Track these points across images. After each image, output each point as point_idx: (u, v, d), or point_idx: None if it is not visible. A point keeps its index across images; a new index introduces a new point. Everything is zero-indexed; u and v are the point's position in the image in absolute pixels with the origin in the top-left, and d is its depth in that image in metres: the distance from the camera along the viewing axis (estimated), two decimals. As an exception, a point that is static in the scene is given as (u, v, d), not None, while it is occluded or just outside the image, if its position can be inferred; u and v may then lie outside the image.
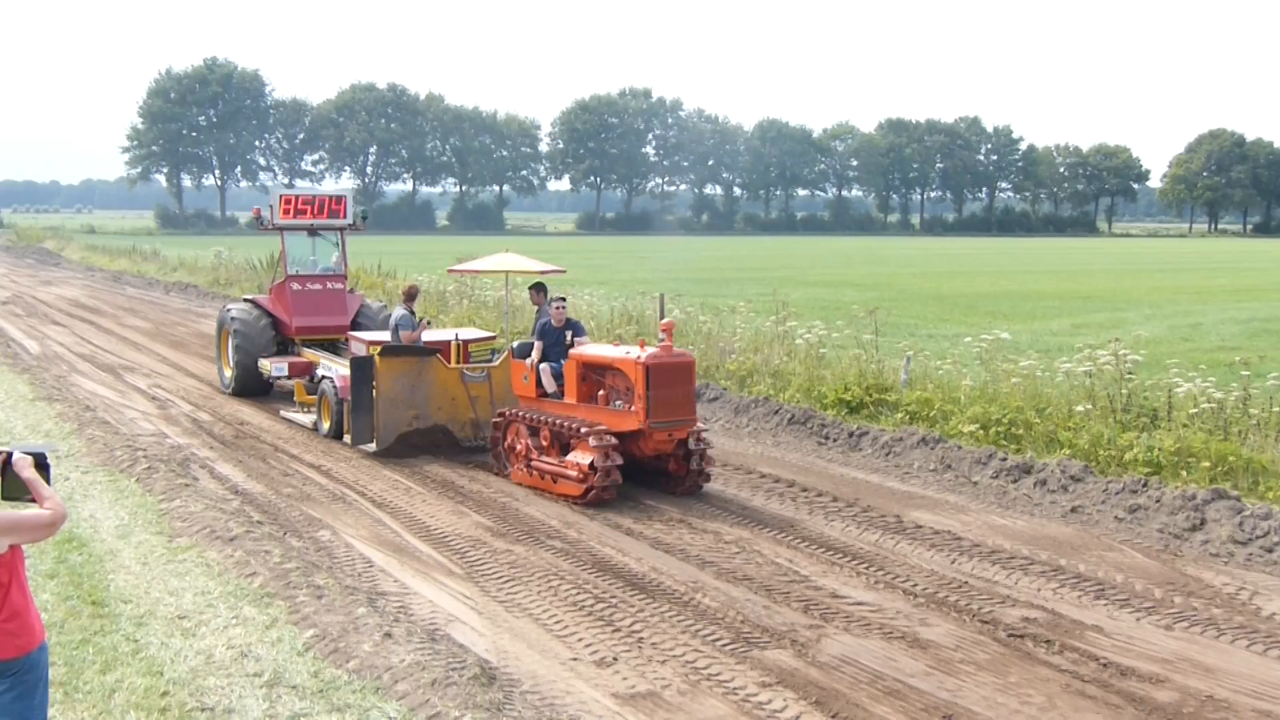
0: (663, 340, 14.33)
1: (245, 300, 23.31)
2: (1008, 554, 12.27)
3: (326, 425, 18.23)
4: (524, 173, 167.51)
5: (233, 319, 21.96)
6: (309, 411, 19.47)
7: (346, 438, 17.57)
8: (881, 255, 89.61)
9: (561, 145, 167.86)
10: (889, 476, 15.98)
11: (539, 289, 18.00)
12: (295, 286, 22.03)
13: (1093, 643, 9.74)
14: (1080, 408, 16.19)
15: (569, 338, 15.69)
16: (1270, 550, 12.23)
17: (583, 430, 14.17)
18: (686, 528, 13.23)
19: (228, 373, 22.26)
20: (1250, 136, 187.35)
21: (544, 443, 14.92)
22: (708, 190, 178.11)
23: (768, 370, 21.30)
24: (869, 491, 15.00)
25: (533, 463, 15.00)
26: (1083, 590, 11.11)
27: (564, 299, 16.57)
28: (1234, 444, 14.37)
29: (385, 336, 18.41)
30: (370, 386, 16.60)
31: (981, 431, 16.55)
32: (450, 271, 22.69)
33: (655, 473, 14.85)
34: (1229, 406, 15.40)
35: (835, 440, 17.89)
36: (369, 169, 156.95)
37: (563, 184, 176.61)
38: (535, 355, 15.61)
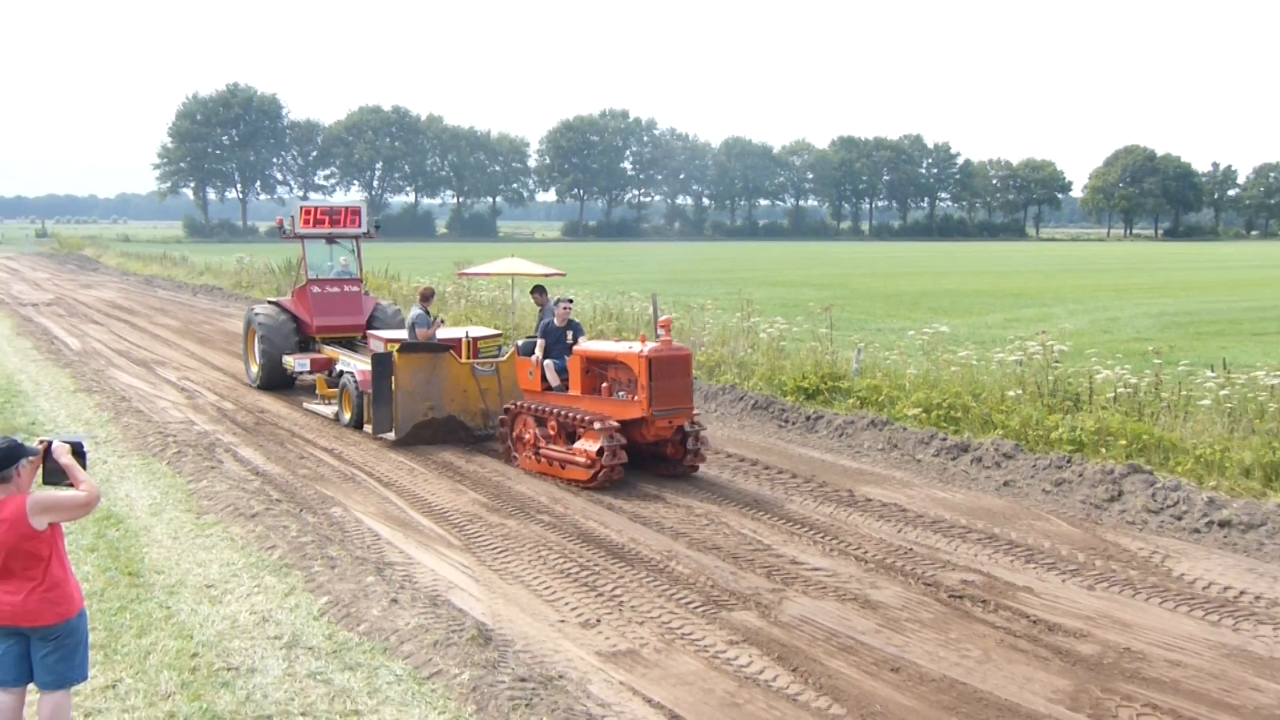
0: (662, 336, 14.18)
1: (270, 302, 23.10)
2: (948, 524, 12.29)
3: (348, 416, 18.00)
4: (515, 185, 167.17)
5: (259, 319, 21.80)
6: (329, 403, 19.28)
7: (367, 427, 17.31)
8: (835, 258, 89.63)
9: (548, 160, 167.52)
10: (842, 455, 15.98)
11: (540, 291, 17.79)
12: (315, 290, 21.88)
13: (1024, 602, 9.75)
14: (1012, 393, 16.21)
15: (570, 336, 15.47)
16: (1179, 518, 12.27)
17: (589, 420, 14.02)
18: (661, 503, 13.21)
19: (254, 368, 22.10)
20: (1160, 151, 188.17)
21: (551, 432, 14.66)
22: (679, 200, 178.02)
23: (734, 361, 21.28)
24: (824, 469, 15.00)
25: (541, 451, 14.76)
26: (1014, 555, 11.13)
27: (570, 301, 16.33)
28: (1147, 424, 14.40)
29: (402, 334, 18.22)
30: (389, 380, 16.40)
31: (924, 414, 16.56)
32: (461, 275, 22.29)
33: (653, 457, 14.62)
34: (1143, 391, 15.43)
35: (794, 423, 17.89)
36: (375, 183, 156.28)
37: (550, 195, 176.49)
38: (539, 352, 15.35)
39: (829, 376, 18.93)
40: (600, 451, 13.69)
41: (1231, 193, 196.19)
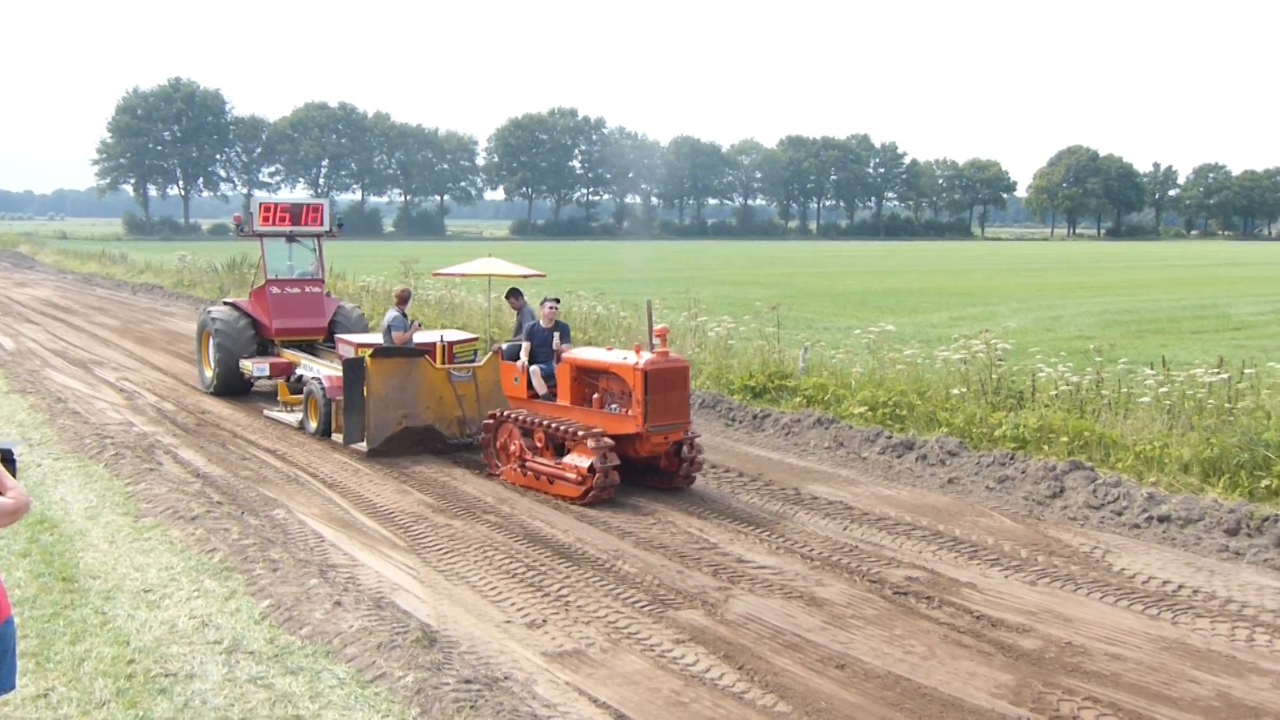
0: (658, 346, 13.48)
1: (226, 303, 22.07)
2: (893, 521, 12.38)
3: (314, 424, 17.18)
4: (463, 184, 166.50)
5: (214, 321, 20.82)
6: (292, 410, 18.57)
7: (335, 436, 16.57)
8: (783, 258, 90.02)
9: (497, 159, 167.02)
10: (788, 454, 16.04)
11: (516, 294, 17.26)
12: (275, 290, 21.06)
13: (967, 598, 9.84)
14: (956, 391, 16.35)
15: (557, 339, 14.76)
16: (1120, 514, 12.44)
17: (580, 433, 13.23)
18: (608, 502, 13.18)
19: (209, 373, 21.06)
20: (1103, 152, 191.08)
21: (538, 444, 13.93)
22: (628, 199, 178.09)
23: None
24: (771, 467, 15.05)
25: (527, 464, 13.95)
26: (958, 552, 11.23)
27: (557, 300, 15.34)
28: (1089, 421, 14.58)
29: (374, 338, 17.73)
30: (362, 387, 15.60)
31: (870, 413, 16.67)
32: (435, 275, 21.74)
33: (644, 469, 13.85)
34: (1084, 388, 15.61)
35: (741, 422, 17.94)
36: (321, 180, 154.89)
37: (498, 194, 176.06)
38: (524, 357, 14.62)
39: (776, 375, 19.00)
40: (592, 468, 12.94)
41: (1172, 193, 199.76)
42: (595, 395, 13.68)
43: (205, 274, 46.83)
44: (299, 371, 19.32)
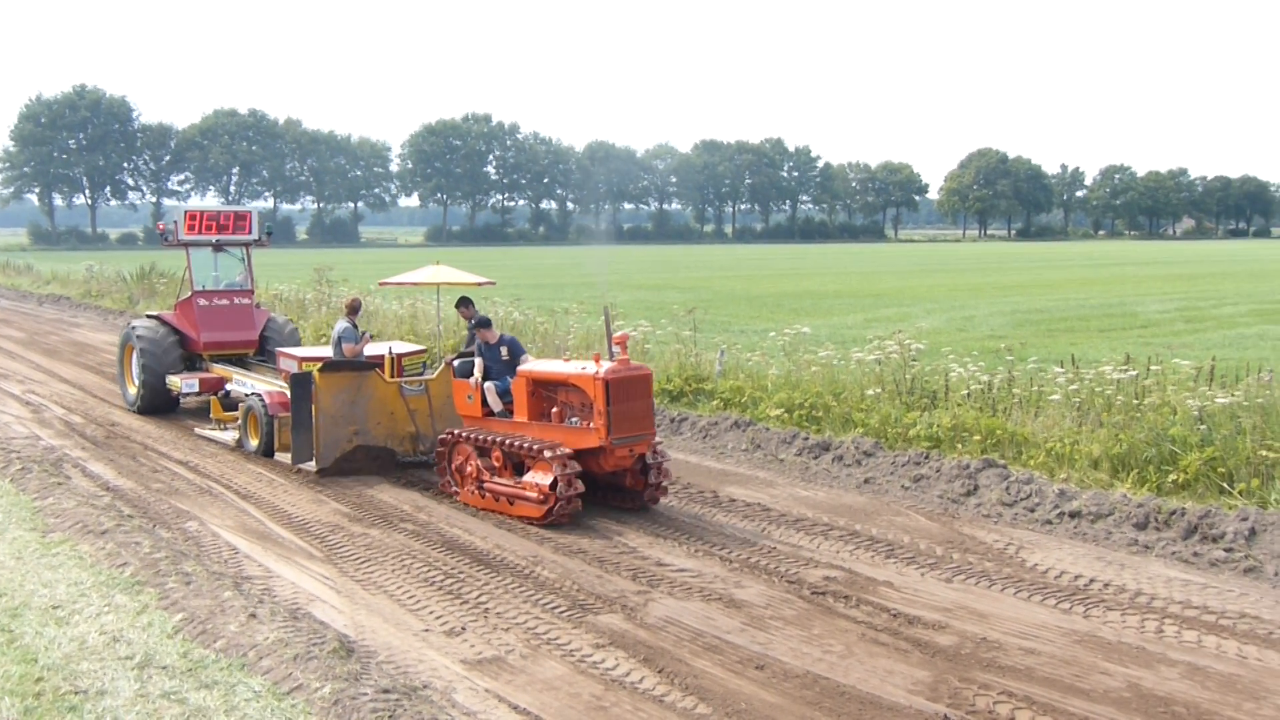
0: (618, 354, 12.74)
1: (150, 317, 21.04)
2: (810, 521, 12.48)
3: (255, 443, 16.30)
4: (376, 190, 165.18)
5: (138, 336, 19.86)
6: (226, 428, 17.66)
7: (280, 456, 15.81)
8: (699, 261, 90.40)
9: (410, 165, 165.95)
10: (706, 456, 16.11)
11: (466, 303, 16.59)
12: (202, 302, 20.15)
13: (884, 596, 9.95)
14: (871, 391, 16.53)
15: (506, 353, 14.10)
16: (1032, 510, 12.67)
17: (539, 450, 12.54)
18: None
19: (132, 390, 20.18)
20: (1012, 154, 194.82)
21: (496, 463, 13.19)
22: (544, 205, 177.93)
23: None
24: (689, 470, 15.10)
25: (485, 484, 13.21)
26: (875, 551, 11.35)
27: (485, 321, 14.49)
28: (1000, 419, 14.82)
29: (317, 352, 16.95)
30: (309, 404, 14.73)
31: (786, 415, 16.80)
32: (381, 284, 20.93)
33: (608, 488, 13.23)
34: (996, 387, 15.87)
35: (659, 426, 17.95)
36: (232, 188, 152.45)
37: (412, 200, 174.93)
38: (478, 373, 13.94)
39: (693, 378, 19.09)
40: (553, 484, 12.26)
41: (1080, 194, 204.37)
42: (554, 409, 13.04)
43: (114, 284, 45.93)
44: (229, 387, 18.65)
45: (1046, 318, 35.09)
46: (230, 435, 17.22)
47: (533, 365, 13.65)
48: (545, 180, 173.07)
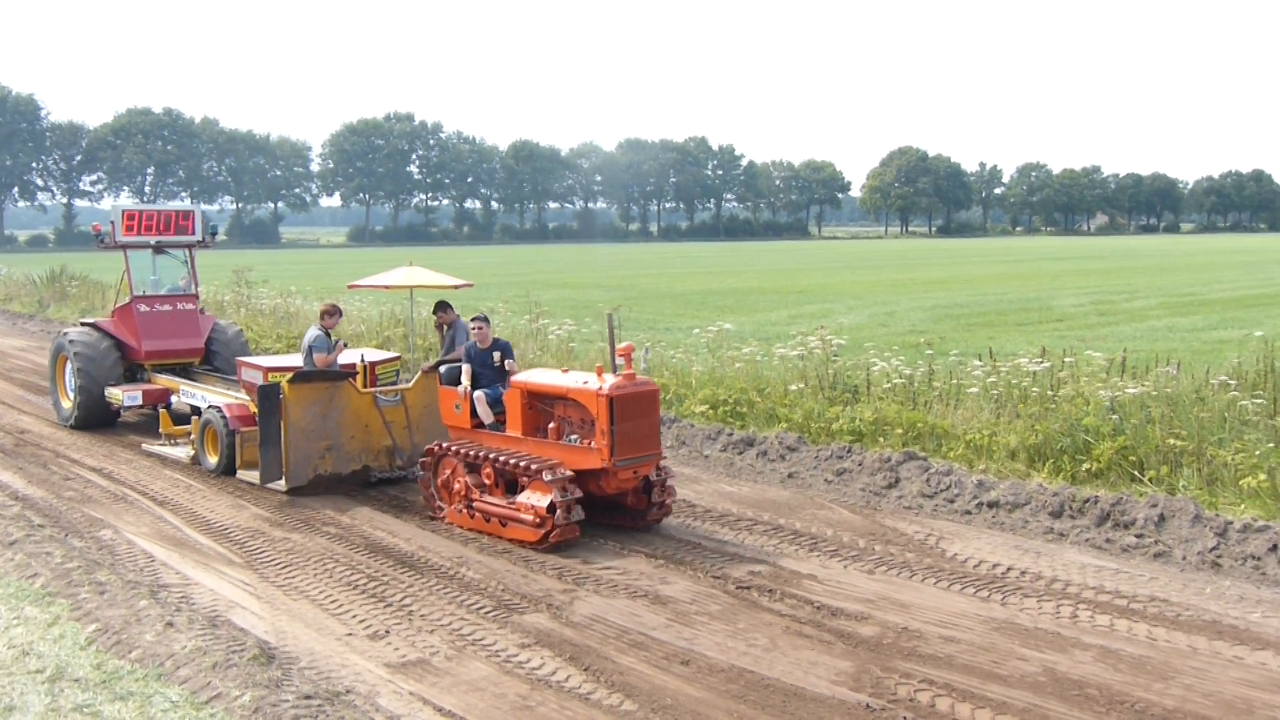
0: (622, 367, 11.91)
1: (85, 324, 19.49)
2: (735, 517, 12.56)
3: (214, 461, 15.16)
4: (297, 190, 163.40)
5: (73, 345, 18.38)
6: (178, 443, 16.51)
7: (243, 474, 14.74)
8: (624, 260, 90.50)
9: (332, 165, 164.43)
10: (632, 454, 16.11)
11: (444, 307, 15.33)
12: (143, 308, 18.72)
13: (808, 589, 10.04)
14: (794, 387, 16.67)
15: (497, 359, 13.11)
16: (952, 501, 12.87)
17: (536, 469, 11.50)
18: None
19: (66, 404, 18.72)
20: (932, 152, 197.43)
21: (486, 481, 12.15)
22: (468, 204, 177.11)
23: (523, 364, 21.21)
24: (615, 468, 15.09)
25: (474, 503, 12.22)
26: (799, 545, 11.45)
27: (485, 318, 13.47)
28: (921, 413, 15.02)
29: (283, 361, 16.02)
30: (278, 418, 13.72)
31: (711, 411, 16.88)
32: (351, 287, 19.70)
33: (608, 506, 12.29)
34: (917, 381, 16.09)
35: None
36: (147, 188, 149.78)
37: (334, 200, 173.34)
38: (466, 381, 12.90)
39: (618, 376, 19.07)
40: (551, 507, 11.31)
41: (998, 191, 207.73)
42: (551, 424, 12.07)
43: (22, 287, 44.99)
44: (175, 399, 17.59)
45: (966, 312, 35.61)
46: (183, 451, 16.10)
47: (530, 376, 12.61)
48: (469, 179, 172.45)
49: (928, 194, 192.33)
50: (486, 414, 12.72)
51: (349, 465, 14.17)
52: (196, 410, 16.41)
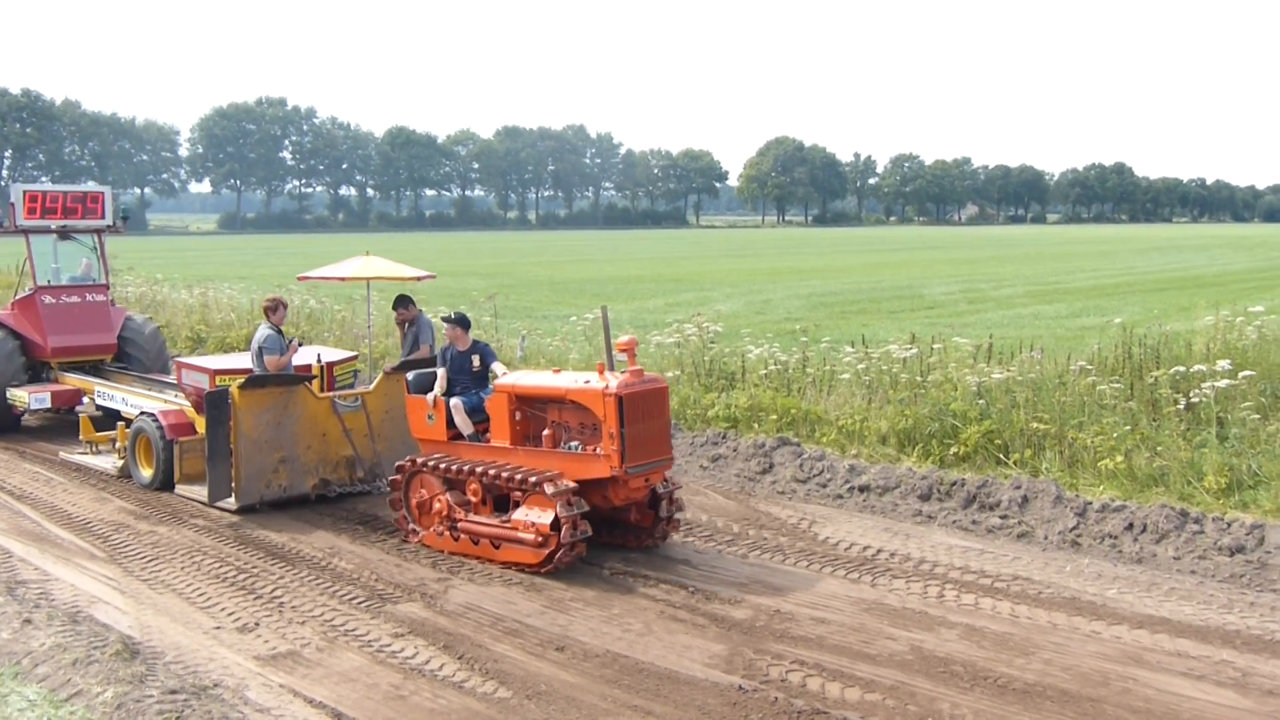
0: (623, 363, 10.68)
1: None
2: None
3: (148, 474, 13.67)
4: (165, 176, 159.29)
5: None
6: (100, 452, 15.14)
7: (183, 489, 13.25)
8: (502, 248, 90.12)
9: (201, 150, 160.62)
10: (509, 442, 16.06)
11: (406, 303, 14.12)
12: (48, 300, 17.16)
13: (683, 574, 10.14)
14: (671, 374, 16.74)
15: (476, 363, 11.76)
16: (825, 485, 13.10)
17: (535, 482, 10.23)
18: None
19: None
20: (808, 143, 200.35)
21: (472, 498, 10.88)
22: (343, 191, 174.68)
23: (399, 353, 20.98)
24: (491, 456, 15.02)
25: (459, 524, 10.89)
26: (674, 530, 11.54)
27: (463, 318, 12.17)
28: (795, 399, 15.25)
29: (228, 362, 14.54)
30: (226, 427, 12.22)
31: (588, 398, 16.87)
32: (301, 279, 18.08)
33: (608, 523, 11.06)
34: (791, 367, 16.31)
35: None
36: (4, 172, 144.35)
37: (204, 186, 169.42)
38: (440, 387, 11.59)
39: (495, 365, 18.96)
40: (555, 524, 10.09)
41: (872, 181, 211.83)
42: (545, 431, 10.75)
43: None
44: (88, 400, 16.19)
45: (840, 300, 36.22)
46: (109, 462, 14.62)
47: (517, 379, 11.20)
48: (344, 166, 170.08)
49: (804, 184, 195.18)
50: (466, 424, 11.35)
51: (305, 479, 12.79)
52: (115, 414, 15.22)
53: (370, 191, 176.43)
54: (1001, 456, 12.84)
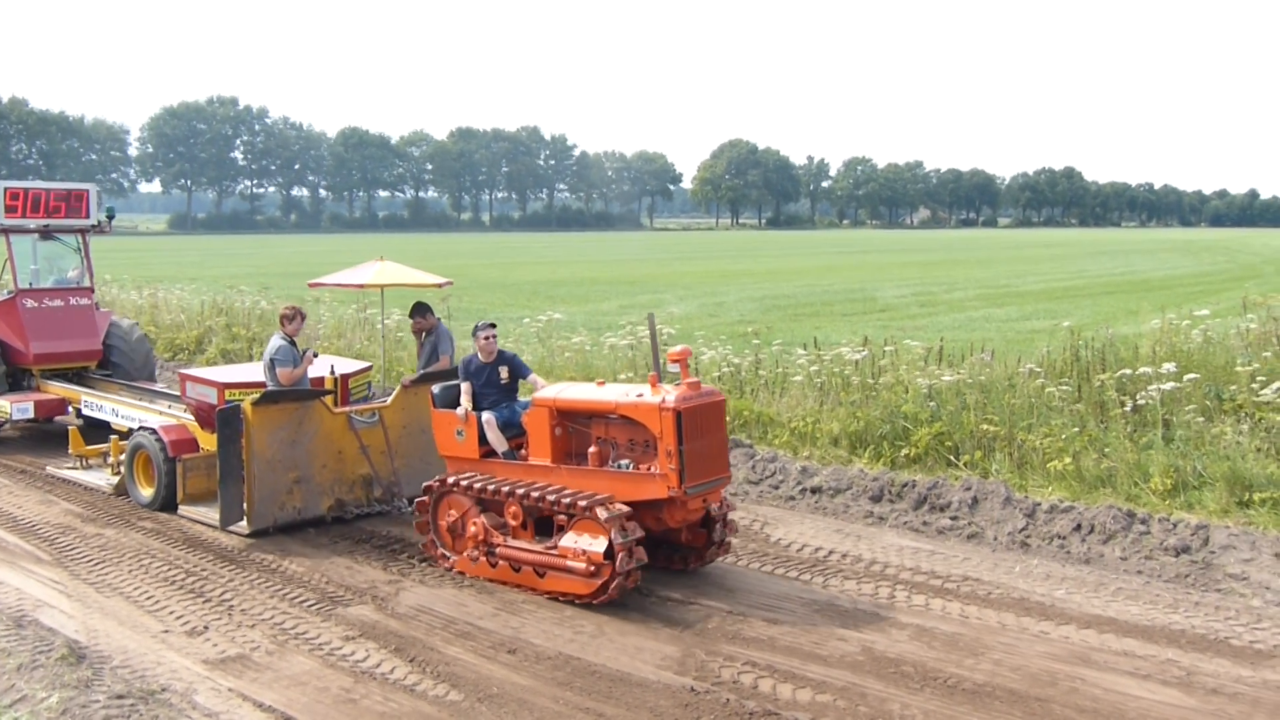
0: (676, 374, 10.01)
1: None
2: (564, 506, 12.58)
3: (147, 493, 12.81)
4: (114, 175, 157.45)
5: None
6: (91, 466, 14.45)
7: (186, 509, 12.42)
8: (456, 250, 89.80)
9: (151, 149, 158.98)
10: (461, 444, 15.99)
11: (423, 311, 13.27)
12: (29, 303, 16.52)
13: (635, 577, 10.14)
14: (623, 376, 16.77)
15: (505, 375, 11.03)
16: (777, 487, 13.16)
17: (585, 505, 9.42)
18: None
19: None
20: (762, 145, 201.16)
21: (511, 521, 10.06)
22: (295, 192, 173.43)
23: (351, 353, 20.89)
24: (441, 460, 14.96)
25: (497, 549, 10.05)
26: (627, 532, 11.54)
27: (493, 325, 11.23)
28: (748, 400, 15.31)
29: (239, 374, 13.66)
30: (238, 445, 11.44)
31: (541, 401, 16.85)
32: (312, 285, 17.33)
33: (655, 543, 10.11)
34: (744, 369, 16.38)
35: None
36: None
37: (154, 186, 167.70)
38: (467, 401, 10.81)
39: (447, 366, 18.90)
40: (609, 551, 9.32)
41: (825, 184, 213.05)
42: (591, 449, 9.95)
43: None
44: (74, 410, 15.68)
45: (793, 303, 36.36)
46: (101, 478, 13.93)
47: (558, 391, 10.39)
48: (296, 166, 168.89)
49: (757, 186, 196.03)
50: (500, 440, 10.56)
51: (320, 500, 12.01)
52: (105, 426, 14.71)
53: (323, 192, 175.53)
54: (952, 458, 12.96)
